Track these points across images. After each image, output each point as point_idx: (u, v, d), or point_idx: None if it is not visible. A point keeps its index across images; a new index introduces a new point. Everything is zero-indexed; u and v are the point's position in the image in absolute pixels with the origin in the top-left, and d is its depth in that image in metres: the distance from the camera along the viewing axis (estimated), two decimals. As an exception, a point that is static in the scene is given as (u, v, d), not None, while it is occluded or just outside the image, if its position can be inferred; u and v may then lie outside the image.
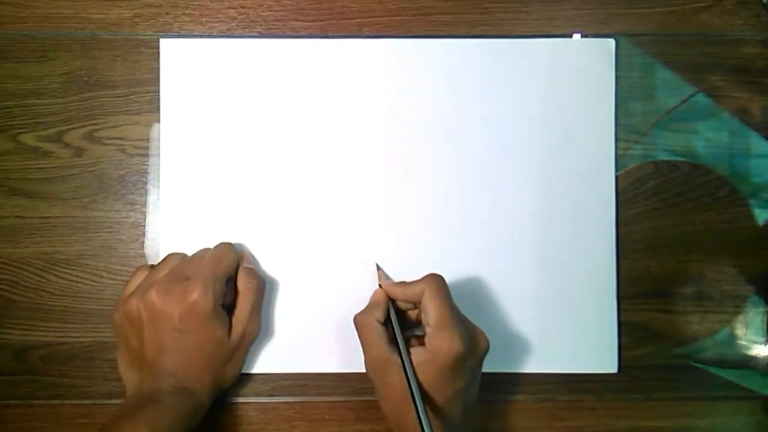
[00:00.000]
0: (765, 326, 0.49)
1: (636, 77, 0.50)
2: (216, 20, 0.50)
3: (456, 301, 0.48)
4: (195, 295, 0.42)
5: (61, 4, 0.49)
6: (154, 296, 0.43)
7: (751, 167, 0.50)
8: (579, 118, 0.49)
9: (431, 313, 0.41)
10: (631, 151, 0.50)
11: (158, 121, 0.49)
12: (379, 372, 0.43)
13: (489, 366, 0.47)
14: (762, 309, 0.49)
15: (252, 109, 0.49)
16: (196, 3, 0.50)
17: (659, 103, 0.50)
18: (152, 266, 0.46)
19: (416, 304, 0.45)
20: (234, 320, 0.45)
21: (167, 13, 0.50)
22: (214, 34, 0.50)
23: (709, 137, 0.50)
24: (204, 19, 0.50)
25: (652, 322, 0.49)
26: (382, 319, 0.44)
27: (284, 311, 0.48)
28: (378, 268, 0.48)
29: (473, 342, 0.42)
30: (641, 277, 0.49)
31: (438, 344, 0.40)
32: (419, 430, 0.38)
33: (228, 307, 0.45)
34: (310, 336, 0.48)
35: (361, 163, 0.49)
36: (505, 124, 0.49)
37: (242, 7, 0.50)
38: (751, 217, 0.50)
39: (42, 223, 0.49)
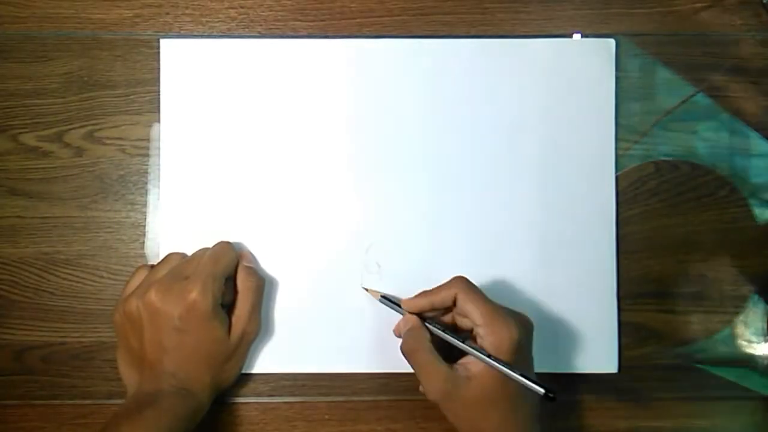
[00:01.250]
0: (765, 326, 0.49)
1: (636, 77, 0.50)
2: (216, 20, 0.50)
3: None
4: (194, 294, 0.42)
5: (61, 4, 0.49)
6: (153, 296, 0.43)
7: (751, 167, 0.50)
8: (579, 118, 0.49)
9: (474, 313, 0.41)
10: (631, 151, 0.50)
11: (158, 121, 0.49)
12: (447, 392, 0.41)
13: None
14: (762, 309, 0.49)
15: (252, 109, 0.49)
16: (196, 3, 0.50)
17: (659, 103, 0.50)
18: (152, 266, 0.46)
19: (444, 310, 0.45)
20: (234, 319, 0.45)
21: (167, 13, 0.50)
22: (214, 34, 0.50)
23: (709, 137, 0.50)
24: (204, 19, 0.50)
25: (652, 322, 0.49)
26: (429, 337, 0.43)
27: (284, 311, 0.48)
28: (366, 290, 0.48)
29: (524, 323, 0.43)
30: (641, 277, 0.49)
31: (496, 338, 0.41)
32: (504, 427, 0.40)
33: (227, 306, 0.45)
34: (310, 336, 0.48)
35: (361, 163, 0.49)
36: (504, 124, 0.49)
37: (242, 7, 0.50)
38: (751, 217, 0.50)
39: (42, 223, 0.49)
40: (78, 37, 0.49)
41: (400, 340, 0.48)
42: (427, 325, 0.44)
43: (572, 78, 0.49)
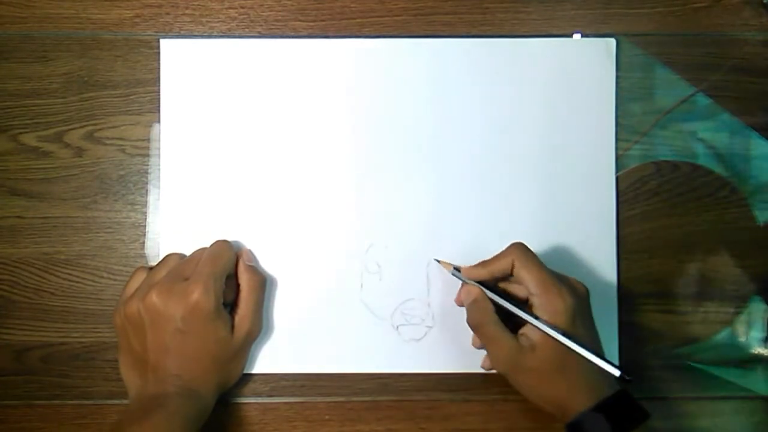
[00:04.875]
0: (765, 326, 0.49)
1: (636, 77, 0.50)
2: (216, 20, 0.50)
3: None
4: (196, 295, 0.42)
5: (61, 4, 0.49)
6: (155, 298, 0.42)
7: (751, 167, 0.50)
8: (579, 118, 0.49)
9: (530, 280, 0.42)
10: (631, 151, 0.50)
11: (158, 121, 0.49)
12: (514, 361, 0.42)
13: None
14: (762, 309, 0.49)
15: (252, 109, 0.49)
16: (196, 3, 0.50)
17: (659, 103, 0.50)
18: (151, 267, 0.46)
19: (501, 279, 0.45)
20: (238, 319, 0.45)
21: (167, 14, 0.50)
22: (215, 34, 0.50)
23: (709, 137, 0.50)
24: (204, 19, 0.50)
25: (652, 322, 0.49)
26: (494, 309, 0.43)
27: (284, 311, 0.48)
28: (438, 261, 0.47)
29: (577, 291, 0.43)
30: (641, 277, 0.49)
31: (552, 307, 0.41)
32: (573, 393, 0.40)
33: (229, 305, 0.45)
34: (310, 336, 0.48)
35: (360, 163, 0.49)
36: (505, 124, 0.49)
37: (242, 7, 0.50)
38: (751, 217, 0.50)
39: (42, 223, 0.49)
40: (78, 37, 0.49)
41: (400, 341, 0.48)
42: (489, 294, 0.44)
43: (572, 78, 0.49)
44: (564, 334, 0.41)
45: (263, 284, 0.47)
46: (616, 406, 0.41)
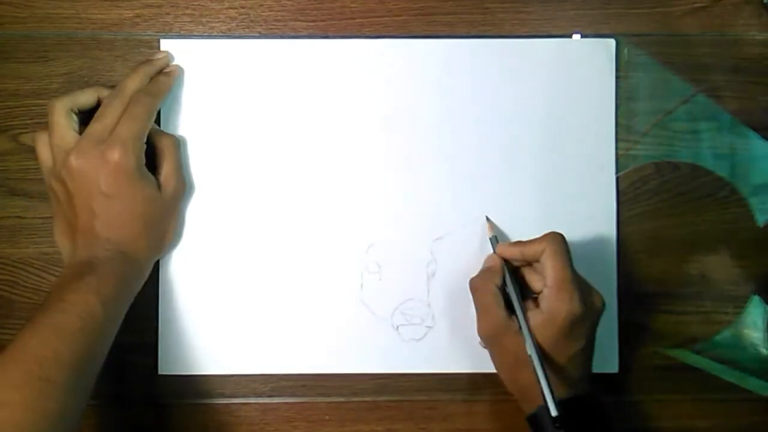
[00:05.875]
0: (765, 327, 0.49)
1: (636, 77, 0.50)
2: (216, 20, 0.50)
3: (458, 302, 0.48)
4: (116, 156, 0.42)
5: (61, 4, 0.49)
6: (73, 163, 0.42)
7: (751, 167, 0.50)
8: (579, 118, 0.49)
9: (550, 273, 0.42)
10: (631, 152, 0.50)
11: (158, 122, 0.49)
12: (496, 336, 0.43)
13: (490, 366, 0.47)
14: (762, 309, 0.49)
15: (252, 109, 0.49)
16: (196, 3, 0.50)
17: (659, 103, 0.50)
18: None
19: (531, 263, 0.45)
20: (162, 179, 0.45)
21: (167, 14, 0.50)
22: (215, 34, 0.50)
23: (709, 137, 0.50)
24: (204, 20, 0.50)
25: (652, 322, 0.49)
26: (499, 284, 0.44)
27: (284, 311, 0.48)
28: (488, 219, 0.48)
29: (590, 303, 0.42)
30: (642, 277, 0.49)
31: (556, 306, 0.41)
32: (537, 389, 0.40)
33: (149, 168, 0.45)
34: (310, 336, 0.48)
35: (361, 163, 0.49)
36: (505, 124, 0.49)
37: (242, 8, 0.50)
38: (751, 217, 0.50)
39: (42, 223, 0.49)
40: (78, 37, 0.49)
41: (400, 341, 0.48)
42: (506, 272, 0.44)
43: (572, 78, 0.49)
44: (539, 350, 0.41)
45: (178, 143, 0.47)
46: (579, 407, 0.41)
